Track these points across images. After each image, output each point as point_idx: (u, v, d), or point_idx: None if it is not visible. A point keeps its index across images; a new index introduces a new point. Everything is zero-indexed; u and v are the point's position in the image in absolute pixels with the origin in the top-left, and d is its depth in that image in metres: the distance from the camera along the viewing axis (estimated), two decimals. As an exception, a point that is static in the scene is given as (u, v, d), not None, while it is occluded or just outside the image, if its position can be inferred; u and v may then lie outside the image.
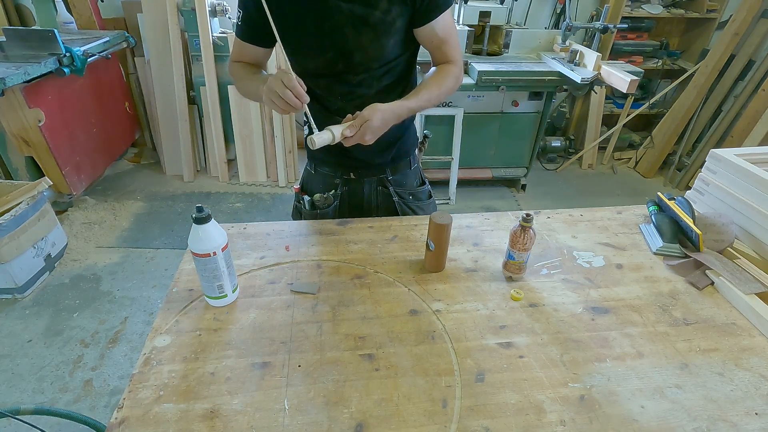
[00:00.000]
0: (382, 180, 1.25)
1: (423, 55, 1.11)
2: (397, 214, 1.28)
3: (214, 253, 0.84)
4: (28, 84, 2.29)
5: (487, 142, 3.08)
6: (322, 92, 1.09)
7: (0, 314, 2.09)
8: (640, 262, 1.09)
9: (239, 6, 1.03)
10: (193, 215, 0.82)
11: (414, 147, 1.29)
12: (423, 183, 1.34)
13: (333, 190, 1.25)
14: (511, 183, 3.38)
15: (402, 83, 1.12)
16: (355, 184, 1.26)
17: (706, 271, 1.03)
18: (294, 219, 1.35)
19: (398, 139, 1.21)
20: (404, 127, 1.21)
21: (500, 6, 2.95)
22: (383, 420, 0.72)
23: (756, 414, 0.74)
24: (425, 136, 1.37)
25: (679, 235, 1.11)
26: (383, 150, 1.19)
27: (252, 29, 1.05)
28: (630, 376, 0.80)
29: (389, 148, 1.20)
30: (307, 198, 1.26)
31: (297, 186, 1.33)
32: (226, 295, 0.91)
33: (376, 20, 0.97)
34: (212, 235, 0.84)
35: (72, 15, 2.93)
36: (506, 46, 2.97)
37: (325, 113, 1.11)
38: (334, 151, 1.16)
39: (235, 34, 1.09)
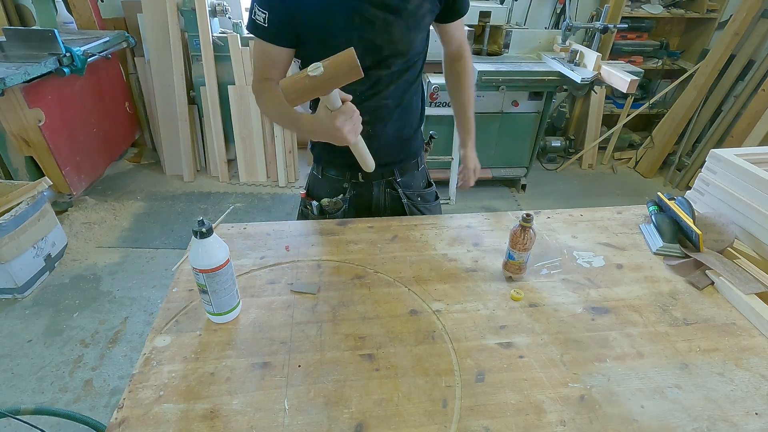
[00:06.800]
0: (390, 182, 1.25)
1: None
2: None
3: (217, 268, 0.81)
4: (28, 84, 2.29)
5: (487, 142, 3.08)
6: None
7: (0, 314, 2.09)
8: (640, 262, 1.09)
9: (261, 7, 0.96)
10: (194, 228, 0.78)
11: (421, 148, 1.29)
12: (430, 184, 1.34)
13: (342, 194, 1.24)
14: (511, 183, 3.38)
15: (415, 82, 1.15)
16: (364, 187, 1.24)
17: (706, 271, 1.03)
18: None
19: (406, 141, 1.21)
20: (413, 128, 1.22)
21: (500, 6, 2.94)
22: (383, 420, 0.72)
23: (756, 414, 0.74)
24: (431, 137, 1.37)
25: (679, 235, 1.11)
26: (391, 151, 1.19)
27: (280, 29, 0.98)
28: (630, 376, 0.80)
29: (397, 149, 1.20)
30: (315, 203, 1.25)
31: (303, 191, 1.31)
32: (227, 312, 0.88)
33: (408, 14, 0.99)
34: (213, 250, 0.80)
35: (72, 15, 2.93)
36: (506, 46, 2.96)
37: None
38: (340, 152, 1.16)
39: (259, 38, 0.99)
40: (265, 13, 0.96)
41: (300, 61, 1.08)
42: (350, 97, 0.88)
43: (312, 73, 0.75)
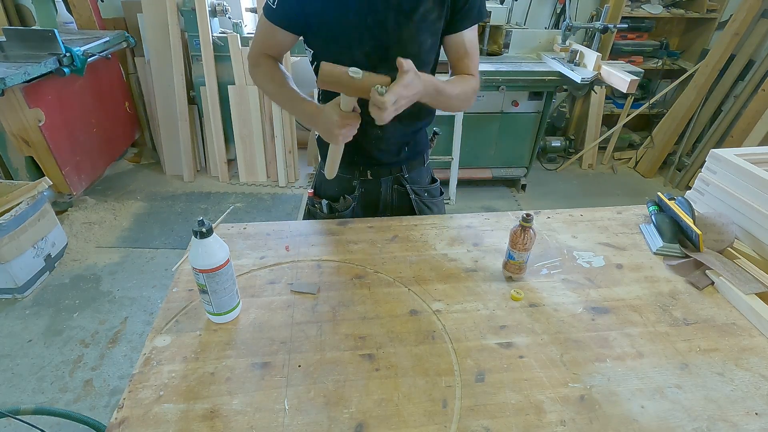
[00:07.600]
0: (398, 178, 1.25)
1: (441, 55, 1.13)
2: (413, 213, 1.29)
3: (217, 268, 0.81)
4: (28, 84, 2.29)
5: (487, 142, 3.08)
6: None
7: (0, 314, 2.09)
8: (640, 262, 1.09)
9: None
10: (194, 228, 0.78)
11: (427, 145, 1.30)
12: (434, 180, 1.35)
13: (351, 193, 1.25)
14: (511, 183, 3.38)
15: None
16: (372, 185, 1.25)
17: (706, 271, 1.03)
18: None
19: (413, 137, 1.21)
20: (421, 126, 1.22)
21: (500, 6, 2.95)
22: (383, 420, 0.72)
23: (756, 414, 0.74)
24: (435, 133, 1.38)
25: (679, 235, 1.11)
26: (401, 148, 1.20)
27: (288, 13, 1.01)
28: (630, 376, 0.80)
29: (405, 146, 1.20)
30: (324, 202, 1.25)
31: (311, 190, 1.31)
32: (227, 312, 0.88)
33: (419, 17, 0.99)
34: (213, 250, 0.80)
35: (72, 15, 2.93)
36: (506, 46, 2.97)
37: None
38: (349, 149, 1.16)
39: (266, 17, 1.02)
40: None
41: (312, 51, 1.09)
42: (359, 110, 0.94)
43: (352, 74, 0.85)
